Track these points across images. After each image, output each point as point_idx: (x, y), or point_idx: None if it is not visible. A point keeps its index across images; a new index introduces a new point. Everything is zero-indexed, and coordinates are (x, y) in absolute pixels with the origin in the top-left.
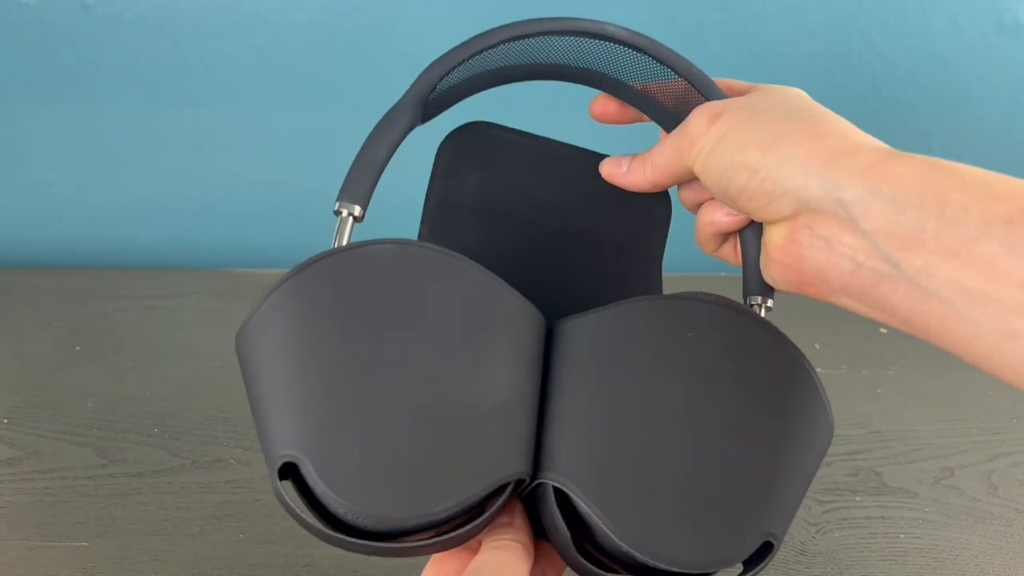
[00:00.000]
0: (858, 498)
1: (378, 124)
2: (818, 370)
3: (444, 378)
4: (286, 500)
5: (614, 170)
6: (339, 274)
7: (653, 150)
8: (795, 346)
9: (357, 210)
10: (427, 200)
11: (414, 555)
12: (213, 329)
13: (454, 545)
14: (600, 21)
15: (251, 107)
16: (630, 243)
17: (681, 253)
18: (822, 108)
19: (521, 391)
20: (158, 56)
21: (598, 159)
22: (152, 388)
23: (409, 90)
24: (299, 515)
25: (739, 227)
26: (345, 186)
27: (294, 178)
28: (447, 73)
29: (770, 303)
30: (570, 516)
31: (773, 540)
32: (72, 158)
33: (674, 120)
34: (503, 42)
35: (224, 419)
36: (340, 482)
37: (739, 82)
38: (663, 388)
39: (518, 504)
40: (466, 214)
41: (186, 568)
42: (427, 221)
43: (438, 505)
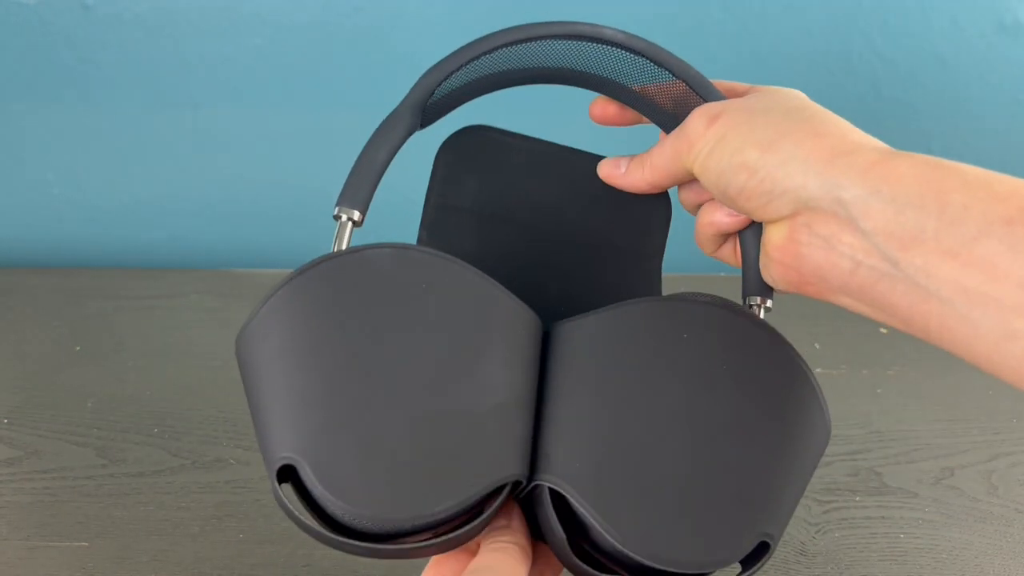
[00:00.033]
0: (858, 498)
1: (377, 130)
2: (818, 370)
3: (442, 381)
4: (285, 503)
5: (612, 171)
6: (338, 278)
7: (652, 151)
8: (792, 347)
9: (356, 215)
10: (426, 204)
11: (413, 557)
12: (213, 329)
13: (452, 547)
14: (598, 25)
15: (251, 107)
16: (629, 245)
17: (681, 253)
18: (821, 108)
19: (518, 393)
20: (158, 56)
21: (597, 161)
22: (152, 388)
23: (407, 96)
24: (298, 518)
25: (739, 228)
26: (344, 192)
27: (294, 178)
28: (445, 79)
29: (769, 303)
30: (568, 518)
31: (770, 540)
32: (72, 158)
33: (673, 121)
34: (501, 47)
35: (224, 419)
36: (338, 484)
37: (737, 84)
38: (660, 389)
39: (516, 507)
40: (465, 218)
41: (186, 568)
42: (426, 225)
43: (436, 506)
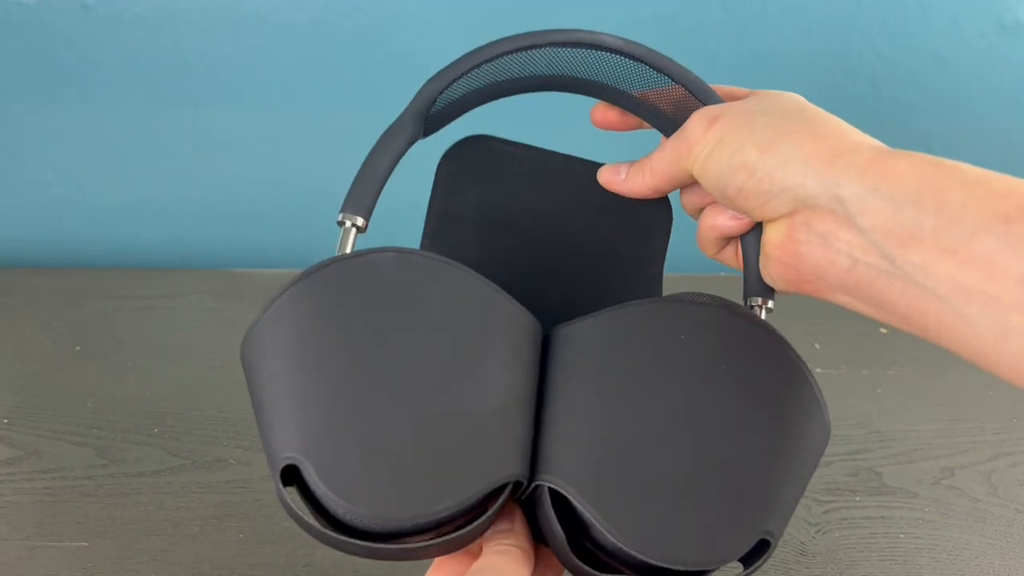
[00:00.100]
0: (858, 498)
1: (380, 138)
2: (818, 370)
3: (444, 382)
4: (288, 503)
5: (612, 177)
6: (342, 281)
7: (652, 156)
8: (791, 347)
9: (360, 221)
10: (429, 213)
11: (416, 558)
12: (213, 329)
13: (455, 547)
14: (596, 32)
15: (251, 107)
16: (631, 251)
17: (681, 253)
18: (820, 110)
19: (518, 394)
20: (158, 56)
21: (597, 169)
22: (152, 388)
23: (410, 104)
24: (301, 517)
25: (742, 232)
26: (348, 199)
27: (294, 178)
28: (446, 87)
29: (771, 304)
30: (570, 519)
31: (770, 538)
32: (72, 158)
33: (674, 126)
34: (501, 55)
35: (224, 419)
36: (341, 484)
37: (737, 88)
38: (659, 390)
39: (518, 510)
40: (467, 226)
41: (186, 568)
42: (428, 234)
43: (437, 505)
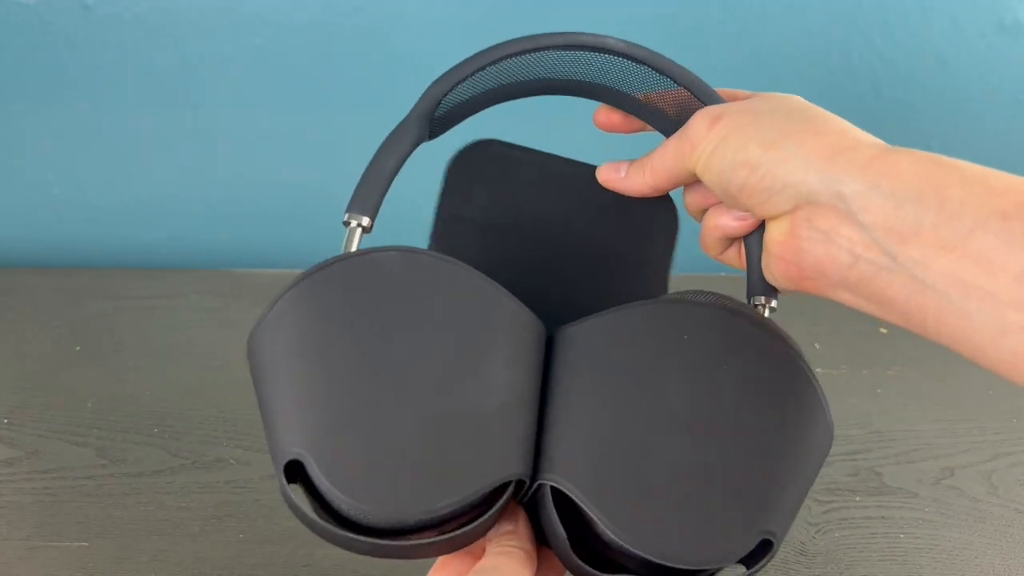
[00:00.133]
0: (858, 498)
1: (386, 139)
2: (818, 370)
3: (447, 380)
4: (292, 498)
5: (611, 175)
6: (348, 279)
7: (652, 154)
8: (793, 346)
9: (366, 221)
10: (436, 216)
11: (418, 556)
12: (213, 329)
13: (457, 546)
14: (600, 35)
15: (251, 107)
16: (634, 254)
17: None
18: (822, 110)
19: (521, 393)
20: (158, 56)
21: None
22: (152, 388)
23: (415, 106)
24: (304, 514)
25: (746, 232)
26: (354, 199)
27: (294, 178)
28: (451, 89)
29: (774, 303)
30: (573, 519)
31: (772, 539)
32: (72, 158)
33: (677, 129)
34: (505, 58)
35: (224, 419)
36: (344, 479)
37: (739, 91)
38: (661, 390)
39: (521, 511)
40: (474, 229)
41: (186, 568)
42: (435, 236)
43: (439, 502)
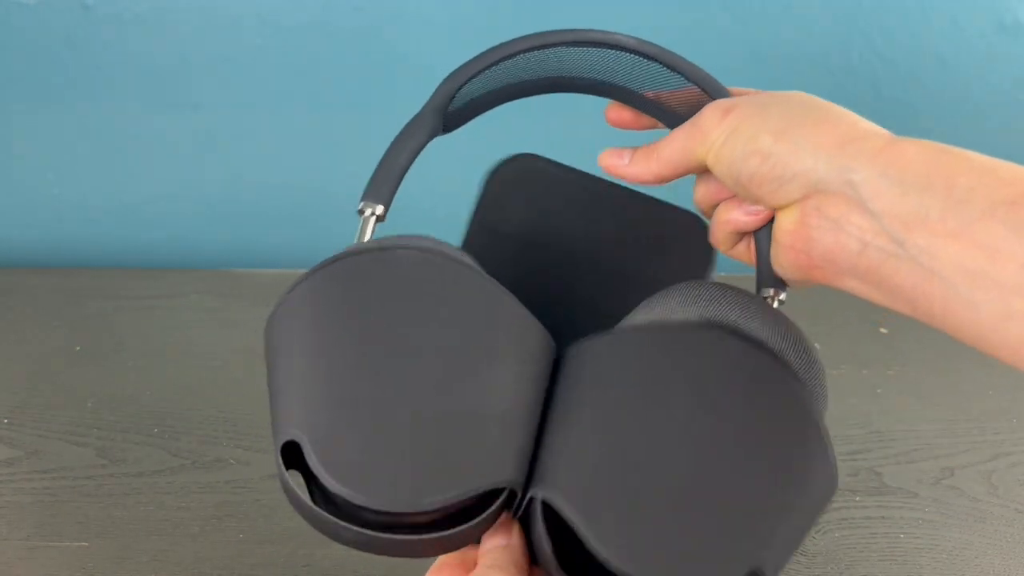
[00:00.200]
0: (858, 498)
1: (401, 132)
2: None
3: (449, 380)
4: (287, 481)
5: (615, 161)
6: (362, 272)
7: (660, 143)
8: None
9: (380, 209)
10: (470, 226)
11: (408, 553)
12: (213, 329)
13: (446, 548)
14: (610, 32)
15: (251, 107)
16: (663, 281)
17: None
18: (831, 104)
19: (522, 403)
20: (158, 56)
21: (639, 198)
22: (152, 388)
23: (429, 100)
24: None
25: (756, 227)
26: (369, 188)
27: (294, 178)
28: (463, 84)
29: (783, 296)
30: (567, 536)
31: (760, 574)
32: (72, 158)
33: None
34: (516, 53)
35: (224, 419)
36: (334, 463)
37: (748, 89)
38: (662, 412)
39: (516, 527)
40: (506, 242)
41: (186, 568)
42: (466, 245)
43: (429, 496)
